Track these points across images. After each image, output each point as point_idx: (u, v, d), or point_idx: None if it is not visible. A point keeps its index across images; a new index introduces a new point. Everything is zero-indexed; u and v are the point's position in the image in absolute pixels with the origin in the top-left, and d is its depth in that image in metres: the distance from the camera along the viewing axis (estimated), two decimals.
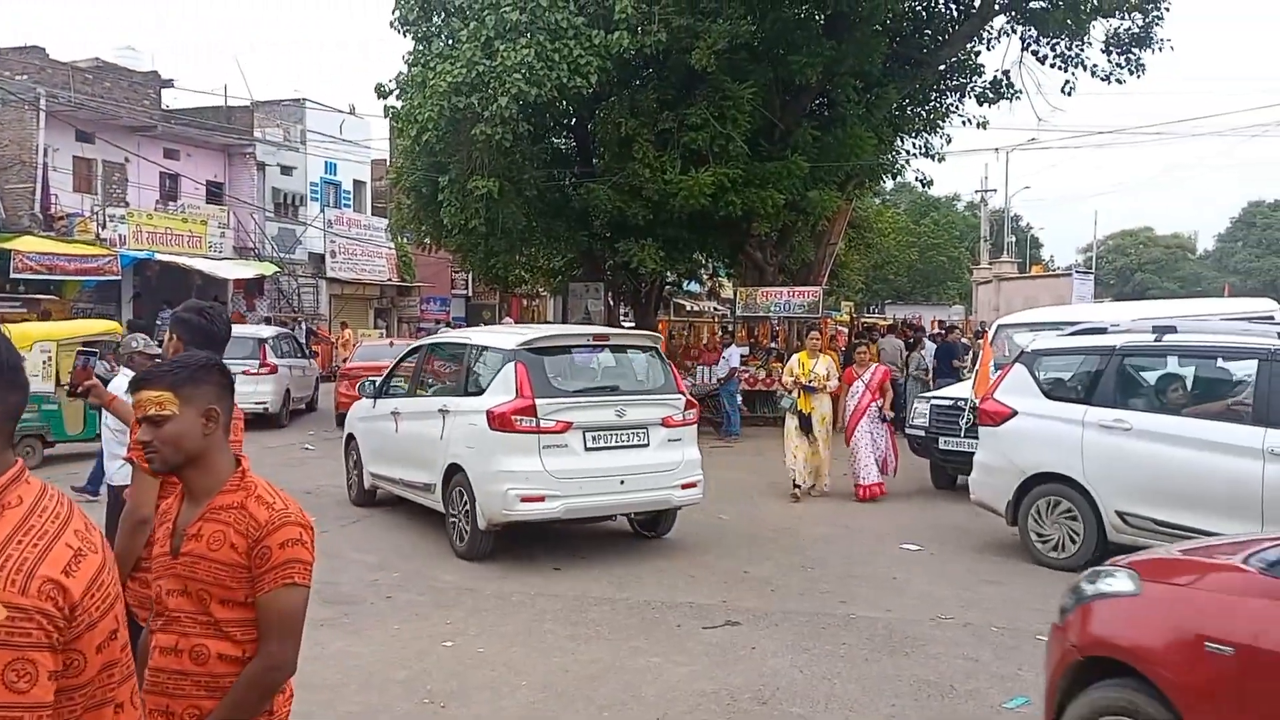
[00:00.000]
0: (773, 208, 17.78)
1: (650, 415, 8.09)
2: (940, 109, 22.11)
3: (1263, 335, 7.03)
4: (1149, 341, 7.56)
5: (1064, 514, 7.74)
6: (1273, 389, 6.72)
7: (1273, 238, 73.50)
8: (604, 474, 7.79)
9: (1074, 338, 8.25)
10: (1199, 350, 7.59)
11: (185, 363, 2.44)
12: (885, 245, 43.52)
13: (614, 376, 8.59)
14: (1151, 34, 19.91)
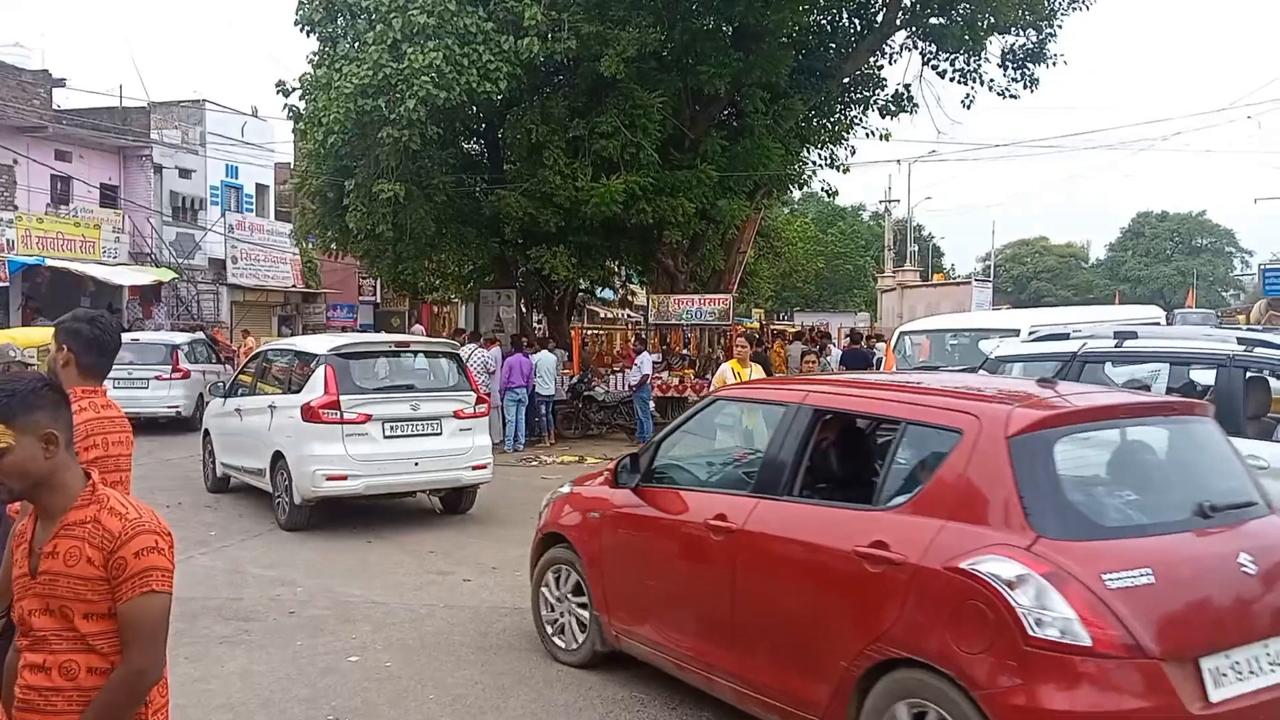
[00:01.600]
0: (683, 216, 17.94)
1: (443, 409, 9.65)
2: (845, 121, 22.59)
3: (1223, 340, 6.81)
4: (1110, 347, 7.28)
5: None
6: (1232, 395, 6.47)
7: (1160, 247, 77.05)
8: (400, 457, 9.35)
9: (1037, 344, 8.01)
10: (1160, 356, 7.40)
11: (13, 390, 2.35)
12: (793, 254, 44.19)
13: (413, 377, 10.14)
14: (1045, 50, 20.72)
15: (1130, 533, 3.76)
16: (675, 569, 5.01)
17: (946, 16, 20.02)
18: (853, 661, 3.90)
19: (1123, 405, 4.56)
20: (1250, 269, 68.96)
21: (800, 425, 4.60)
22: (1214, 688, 3.43)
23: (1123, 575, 3.43)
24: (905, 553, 3.81)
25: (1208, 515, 3.83)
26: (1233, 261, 77.48)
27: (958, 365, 11.39)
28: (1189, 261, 74.19)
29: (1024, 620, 3.40)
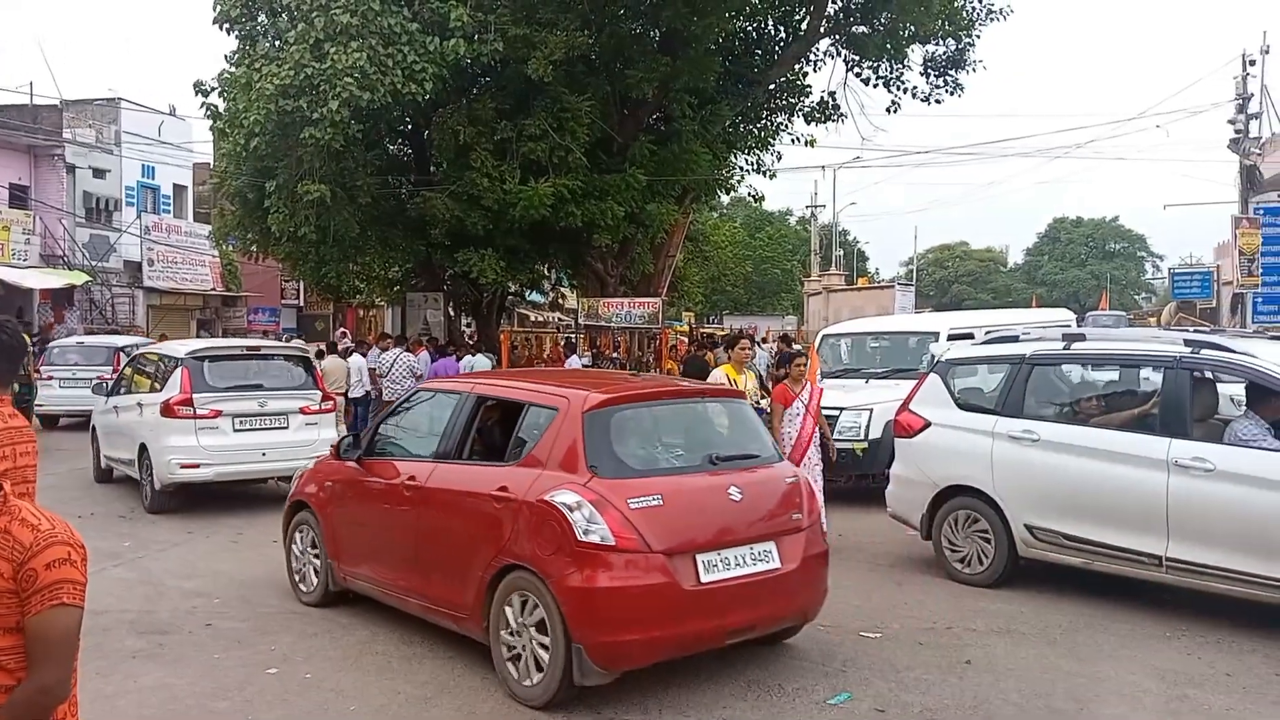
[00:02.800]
0: (613, 219, 17.98)
1: (290, 406, 10.86)
2: (771, 127, 22.90)
3: (1170, 343, 6.82)
4: (1058, 350, 7.33)
5: (977, 528, 7.46)
6: (1178, 398, 6.50)
7: (1074, 252, 79.43)
8: (249, 449, 10.50)
9: (985, 347, 8.13)
10: (1108, 358, 7.47)
11: None
12: (722, 258, 44.62)
13: (263, 377, 11.15)
14: (965, 57, 21.26)
15: (652, 473, 5.40)
16: (381, 520, 6.46)
17: (869, 25, 20.42)
18: (485, 570, 5.45)
19: (668, 390, 6.42)
20: (1161, 273, 71.64)
21: (467, 408, 6.19)
22: (705, 573, 5.16)
23: (641, 500, 5.11)
24: (516, 492, 5.38)
25: (714, 462, 5.63)
26: (1144, 265, 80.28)
27: (880, 367, 11.58)
28: (1103, 265, 76.63)
29: (576, 530, 5.00)
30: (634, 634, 4.99)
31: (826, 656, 5.98)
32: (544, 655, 5.13)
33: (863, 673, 5.71)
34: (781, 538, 5.53)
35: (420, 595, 6.04)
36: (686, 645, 5.24)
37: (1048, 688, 5.49)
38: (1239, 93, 24.21)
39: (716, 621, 5.17)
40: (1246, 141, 23.93)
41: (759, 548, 5.40)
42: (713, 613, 5.15)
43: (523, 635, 5.26)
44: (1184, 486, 6.24)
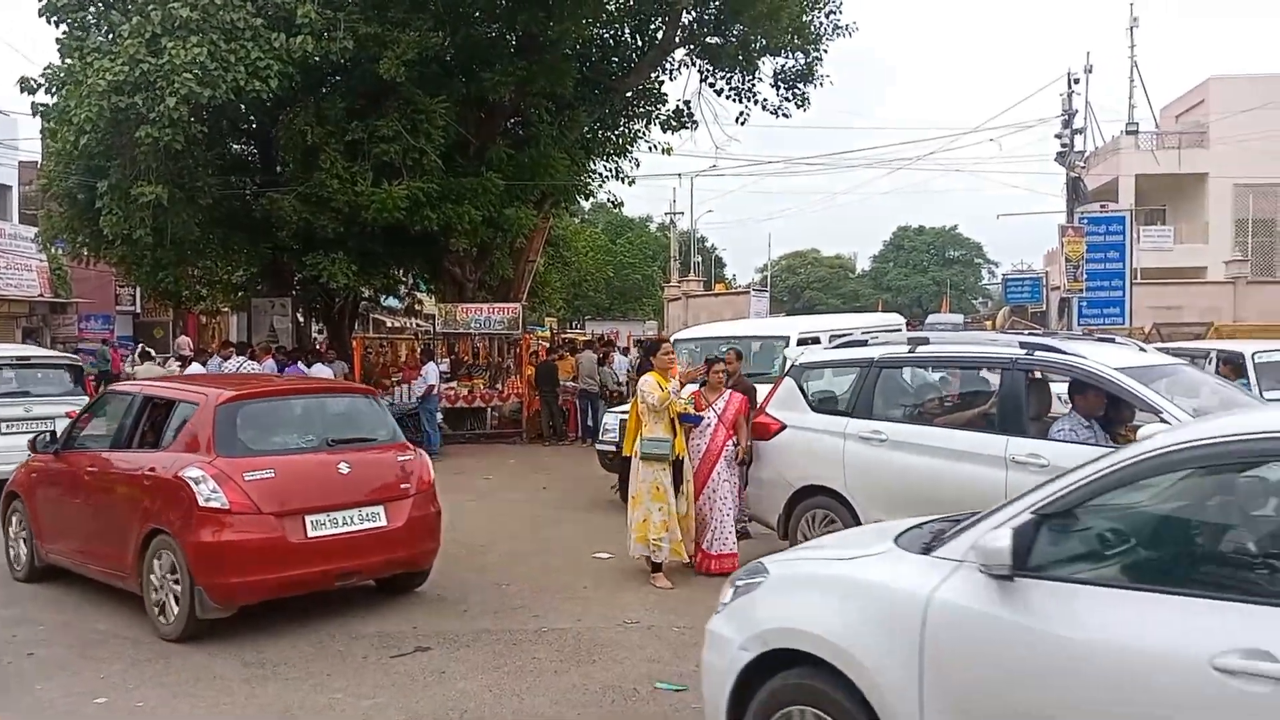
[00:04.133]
0: (470, 224, 17.74)
1: (55, 411, 11.53)
2: (629, 134, 23.06)
3: (1006, 345, 7.08)
4: (904, 353, 7.60)
5: (832, 528, 7.44)
6: (1015, 398, 6.73)
7: (917, 259, 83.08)
8: (15, 450, 10.46)
9: (836, 351, 8.30)
10: (950, 360, 7.69)
11: None
12: (584, 263, 44.66)
13: (30, 384, 12.11)
14: (814, 71, 21.90)
15: (270, 453, 6.70)
16: (68, 502, 7.60)
17: (722, 36, 20.83)
18: (138, 536, 6.68)
19: (297, 388, 8.24)
20: (996, 279, 75.64)
21: (136, 405, 7.40)
22: (313, 530, 6.54)
23: (256, 473, 6.45)
24: (161, 472, 6.65)
25: (330, 444, 7.09)
26: (981, 272, 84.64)
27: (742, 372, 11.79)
28: (943, 272, 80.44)
29: (199, 497, 6.30)
30: (244, 577, 6.33)
31: (680, 656, 6.02)
32: (175, 599, 6.43)
33: None
34: (390, 502, 6.95)
35: (97, 561, 7.26)
36: (295, 586, 6.62)
37: None
38: (1065, 109, 25.80)
39: (323, 567, 6.59)
40: (1072, 155, 25.50)
41: (367, 510, 6.83)
42: (319, 560, 6.55)
43: (164, 586, 6.52)
44: (1022, 482, 6.30)
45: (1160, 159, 40.09)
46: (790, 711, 3.57)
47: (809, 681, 3.52)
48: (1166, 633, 2.78)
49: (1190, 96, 43.88)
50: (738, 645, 3.75)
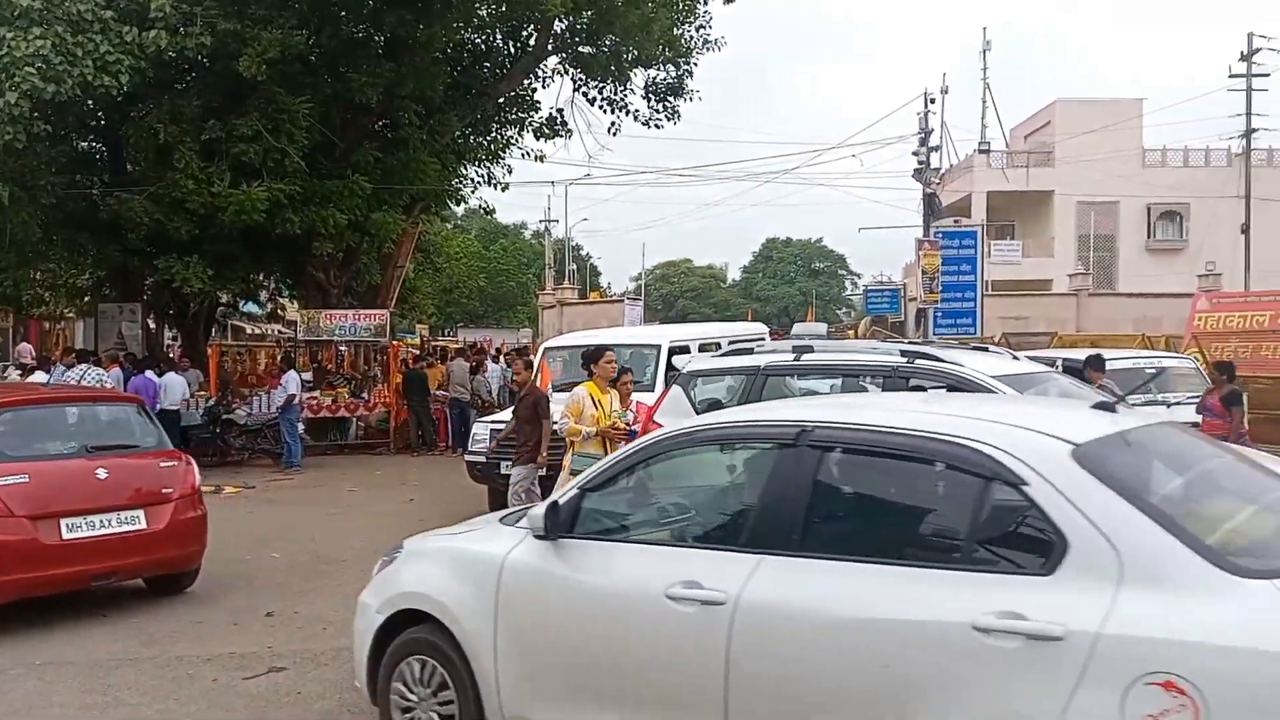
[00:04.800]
0: (335, 227, 17.30)
1: None
2: (501, 140, 22.91)
3: (888, 354, 7.23)
4: (789, 360, 7.70)
5: None
6: None
7: (785, 270, 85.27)
8: None
9: (723, 359, 8.35)
10: (833, 368, 7.80)
11: None
12: (456, 269, 44.08)
13: None
14: (684, 85, 22.24)
15: (25, 459, 6.88)
16: None
17: (594, 46, 20.92)
18: None
19: (58, 396, 8.51)
20: (858, 290, 78.28)
21: None
22: (68, 533, 6.78)
23: (8, 478, 6.64)
24: None
25: (90, 450, 7.32)
26: (844, 283, 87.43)
27: None
28: (809, 283, 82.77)
29: None
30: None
31: None
32: None
33: None
34: (151, 507, 7.23)
35: None
36: (49, 586, 6.83)
37: None
38: (921, 128, 26.97)
39: (79, 568, 6.84)
40: (928, 172, 26.69)
41: (126, 513, 7.09)
42: (75, 561, 6.80)
43: None
44: None
45: (1010, 177, 42.34)
46: (411, 661, 4.29)
47: (425, 636, 4.25)
48: (642, 573, 3.67)
49: (1038, 118, 46.53)
50: (374, 610, 4.47)
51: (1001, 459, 3.10)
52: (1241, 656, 2.57)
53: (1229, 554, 2.82)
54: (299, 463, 15.64)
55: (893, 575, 3.17)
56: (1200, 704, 2.55)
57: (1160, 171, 43.18)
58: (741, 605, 3.32)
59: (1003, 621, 2.85)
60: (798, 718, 3.23)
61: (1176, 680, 2.59)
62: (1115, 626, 2.72)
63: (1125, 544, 2.83)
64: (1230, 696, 2.54)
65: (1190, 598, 2.70)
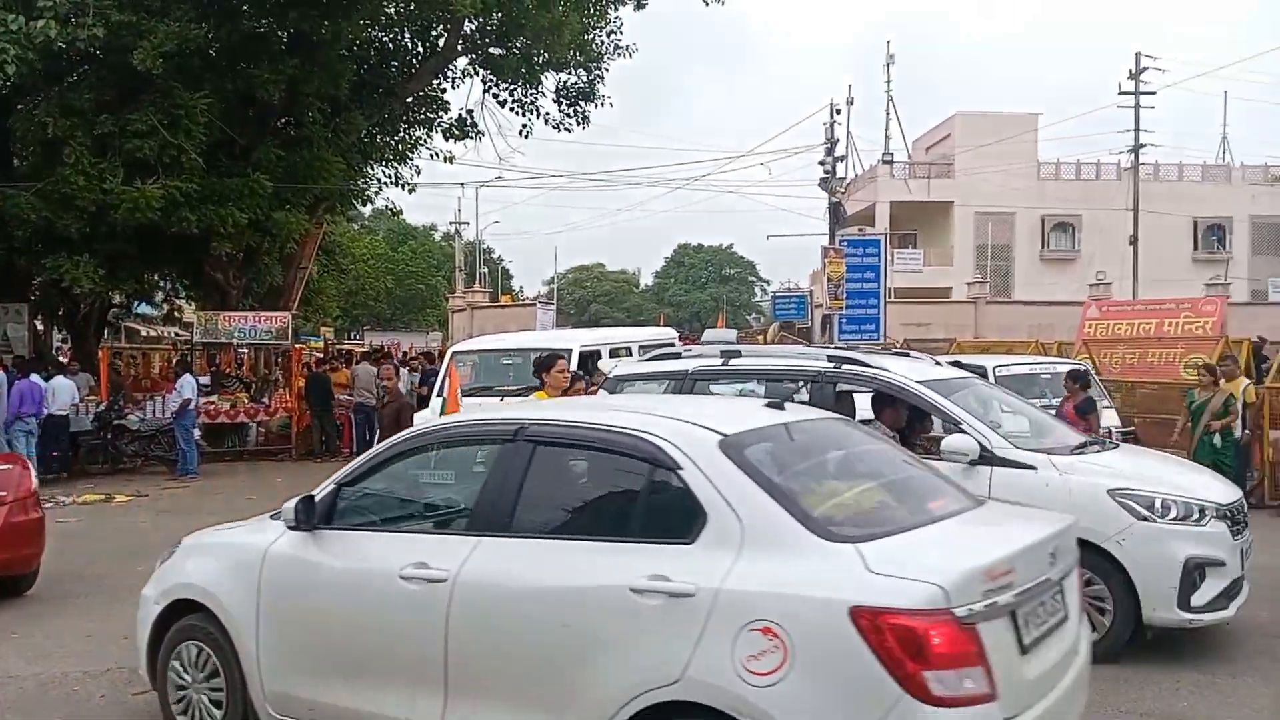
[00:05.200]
0: (234, 226, 16.81)
1: None
2: (409, 140, 22.60)
3: (814, 359, 7.20)
4: (718, 365, 7.64)
5: None
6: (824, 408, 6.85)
7: (697, 275, 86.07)
8: None
9: (651, 364, 8.23)
10: (759, 373, 7.77)
11: None
12: (362, 271, 43.28)
13: None
14: (595, 90, 22.25)
15: None
16: None
17: (504, 48, 20.80)
18: None
19: None
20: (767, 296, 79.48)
21: None
22: None
23: None
24: None
25: None
26: (754, 289, 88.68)
27: (514, 384, 11.74)
28: (720, 288, 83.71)
29: None
30: None
31: None
32: None
33: None
34: None
35: None
36: None
37: None
38: (827, 138, 27.52)
39: None
40: (834, 181, 27.24)
41: None
42: None
43: None
44: None
45: (912, 187, 43.58)
46: (188, 645, 4.66)
47: (198, 623, 4.61)
48: (382, 558, 4.05)
49: (939, 130, 47.97)
50: (153, 601, 4.82)
51: (665, 447, 3.62)
52: (815, 605, 3.09)
53: (828, 523, 3.37)
54: (195, 470, 15.14)
55: (576, 549, 3.67)
56: (788, 644, 3.07)
57: (1054, 184, 44.94)
58: (458, 582, 3.76)
59: (652, 583, 3.33)
60: (502, 676, 3.67)
61: (772, 626, 3.10)
62: (731, 583, 3.22)
63: (747, 516, 3.36)
64: (809, 637, 3.06)
65: (790, 558, 3.23)
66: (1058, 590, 3.61)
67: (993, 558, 3.27)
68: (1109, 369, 15.14)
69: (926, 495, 3.99)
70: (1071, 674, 3.57)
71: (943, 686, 2.97)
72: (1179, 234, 43.95)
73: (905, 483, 4.10)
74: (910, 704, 2.94)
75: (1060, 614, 3.60)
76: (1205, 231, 45.48)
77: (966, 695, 3.01)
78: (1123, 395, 13.77)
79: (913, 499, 3.95)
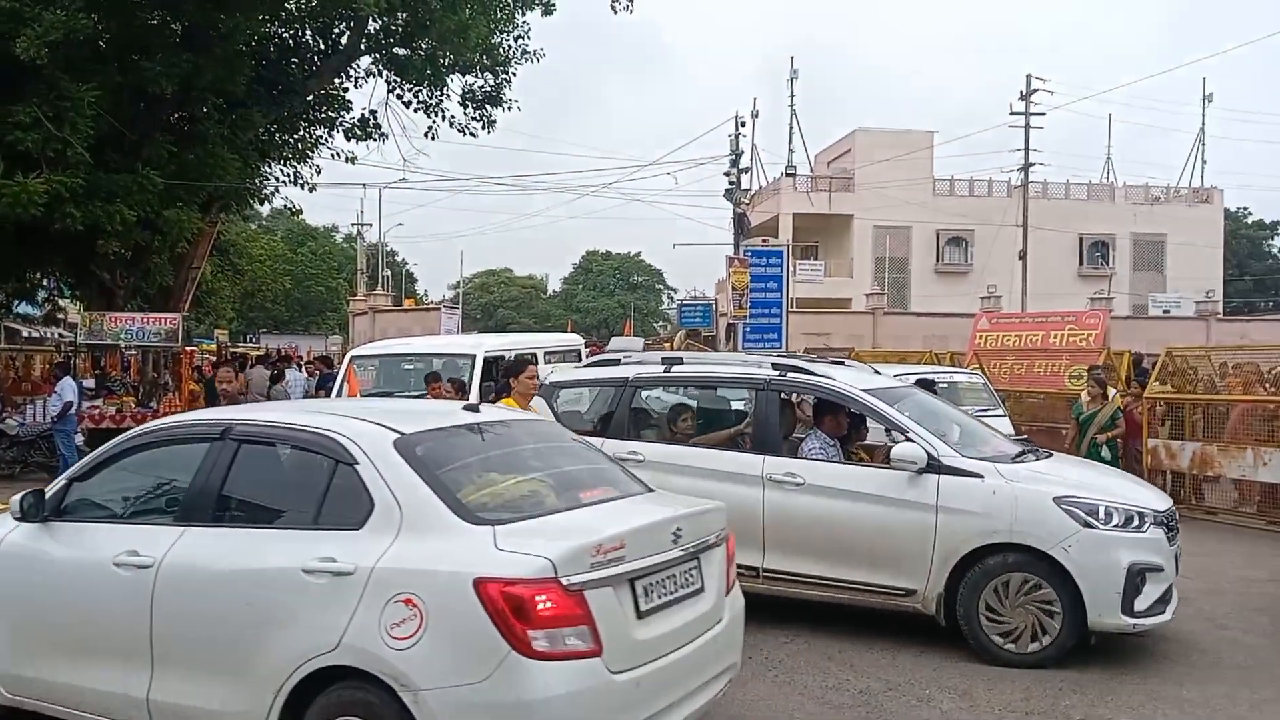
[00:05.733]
0: (122, 224, 16.22)
1: None
2: (310, 139, 22.10)
3: (758, 367, 7.07)
4: (658, 372, 7.43)
5: None
6: (768, 418, 6.76)
7: (604, 282, 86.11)
8: None
9: (590, 370, 8.02)
10: (702, 380, 7.63)
11: None
12: (259, 272, 42.06)
13: None
14: (502, 94, 22.11)
15: None
16: None
17: (409, 49, 20.51)
18: None
19: None
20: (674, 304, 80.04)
21: None
22: None
23: None
24: None
25: None
26: (661, 297, 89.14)
27: (415, 390, 11.50)
28: (628, 295, 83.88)
29: None
30: None
31: None
32: None
33: None
34: None
35: None
36: None
37: None
38: (732, 150, 27.88)
39: None
40: (738, 192, 27.60)
41: None
42: None
43: None
44: (777, 500, 6.45)
45: (814, 200, 44.48)
46: None
47: None
48: (101, 547, 4.36)
49: (840, 145, 49.10)
50: None
51: (346, 445, 4.06)
52: (447, 577, 3.56)
53: (477, 510, 3.84)
54: None
55: (265, 537, 4.10)
56: (424, 611, 3.53)
57: (948, 200, 46.43)
58: (162, 567, 4.15)
59: (321, 564, 3.78)
60: (198, 651, 4.05)
61: (412, 596, 3.57)
62: (385, 562, 3.69)
63: (406, 504, 3.83)
64: (440, 605, 3.53)
65: (436, 539, 3.72)
66: (692, 566, 4.18)
67: (604, 536, 3.73)
68: (998, 379, 15.67)
69: (584, 486, 4.48)
70: (705, 638, 4.13)
71: (548, 643, 3.47)
72: (1065, 250, 45.91)
73: (568, 475, 4.58)
74: (516, 659, 3.43)
75: (694, 586, 4.17)
76: (1090, 248, 47.56)
77: (571, 651, 3.51)
78: (1011, 404, 14.27)
79: (568, 489, 4.39)
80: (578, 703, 3.51)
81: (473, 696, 3.46)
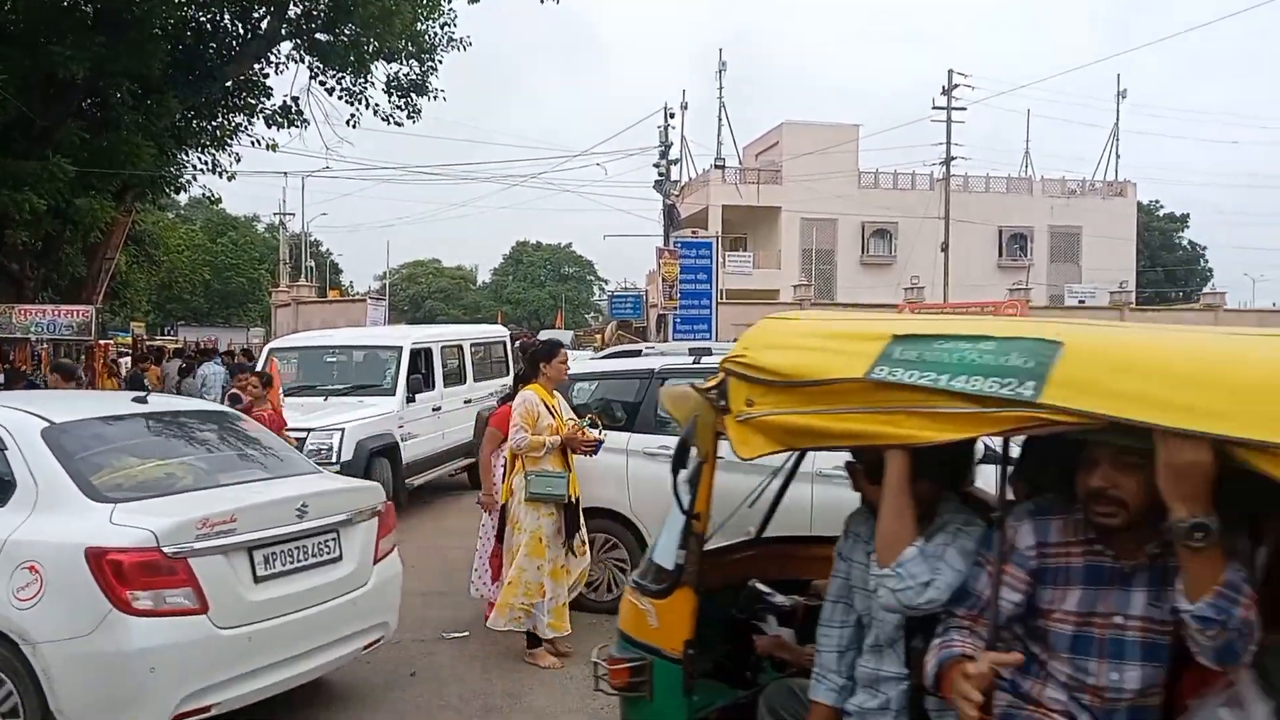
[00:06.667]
0: (31, 213, 15.68)
1: None
2: (229, 126, 21.55)
3: None
4: (688, 364, 7.18)
5: (613, 554, 6.83)
6: None
7: (535, 274, 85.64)
8: None
9: (610, 362, 7.82)
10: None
11: None
12: (176, 263, 40.92)
13: None
14: (427, 83, 21.82)
15: None
16: None
17: (332, 34, 20.12)
18: None
19: None
20: (605, 295, 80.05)
21: None
22: None
23: None
24: None
25: None
26: (593, 288, 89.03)
27: (340, 383, 11.27)
28: (559, 287, 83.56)
29: None
30: None
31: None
32: None
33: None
34: None
35: None
36: None
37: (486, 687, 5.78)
38: (662, 141, 27.98)
39: None
40: (668, 184, 27.72)
41: None
42: None
43: None
44: (826, 494, 5.97)
45: (743, 192, 44.81)
46: None
47: None
48: None
49: (768, 138, 49.54)
50: None
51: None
52: (63, 547, 4.07)
53: (106, 489, 4.35)
54: None
55: None
56: (44, 576, 4.05)
57: (873, 192, 47.19)
58: None
59: None
60: None
61: (34, 563, 4.09)
62: (18, 535, 4.18)
63: (43, 484, 4.33)
64: (57, 571, 4.05)
65: (63, 515, 4.22)
66: (329, 537, 4.81)
67: (212, 511, 4.29)
68: None
69: (231, 469, 5.07)
70: (340, 600, 4.77)
71: (151, 602, 4.03)
72: (986, 242, 47.03)
73: (219, 459, 5.15)
74: (117, 615, 3.97)
75: (330, 555, 4.80)
76: (1009, 240, 48.79)
77: (174, 609, 4.08)
78: None
79: (209, 472, 4.93)
80: (180, 652, 4.08)
81: (82, 647, 3.99)
